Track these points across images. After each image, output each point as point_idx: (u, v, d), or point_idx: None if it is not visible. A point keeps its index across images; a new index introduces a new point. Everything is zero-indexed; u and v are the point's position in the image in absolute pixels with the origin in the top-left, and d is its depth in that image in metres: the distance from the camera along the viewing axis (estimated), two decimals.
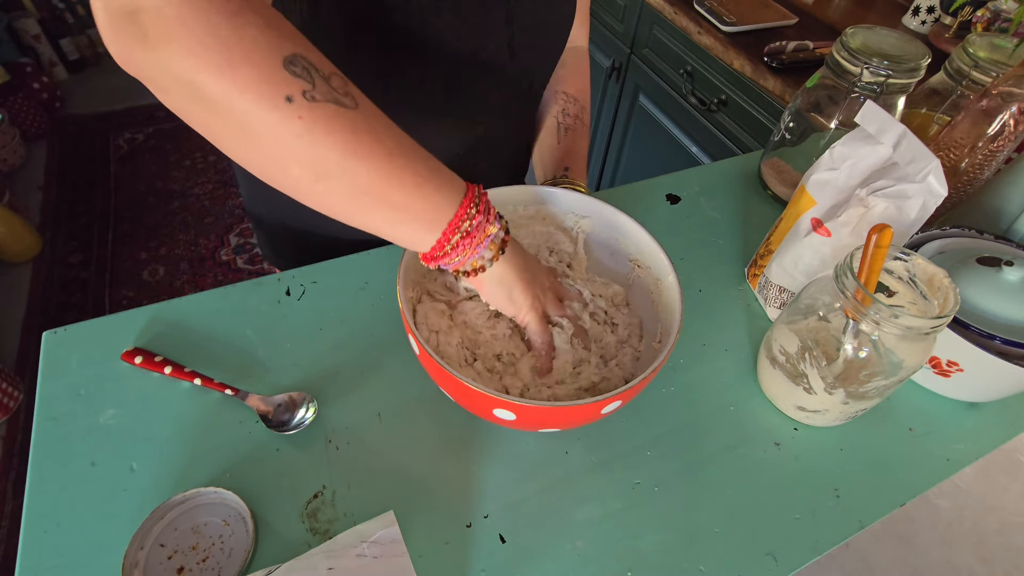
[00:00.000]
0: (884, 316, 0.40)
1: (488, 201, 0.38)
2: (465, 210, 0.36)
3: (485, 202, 0.38)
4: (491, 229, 0.38)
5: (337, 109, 0.31)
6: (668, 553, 0.42)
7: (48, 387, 0.47)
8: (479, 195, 0.38)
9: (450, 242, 0.36)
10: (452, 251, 0.37)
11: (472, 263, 0.38)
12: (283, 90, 0.30)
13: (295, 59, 0.30)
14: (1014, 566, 1.13)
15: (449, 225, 0.36)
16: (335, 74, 0.32)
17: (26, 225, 1.70)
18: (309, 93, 0.30)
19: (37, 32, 2.22)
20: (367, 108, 0.33)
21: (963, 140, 0.56)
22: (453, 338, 0.46)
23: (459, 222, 0.36)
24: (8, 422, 1.38)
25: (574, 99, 0.66)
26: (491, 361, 0.46)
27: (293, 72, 0.30)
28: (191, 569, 0.39)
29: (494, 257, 0.38)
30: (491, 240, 0.38)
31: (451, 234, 0.36)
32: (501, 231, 0.39)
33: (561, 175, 0.60)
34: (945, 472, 0.49)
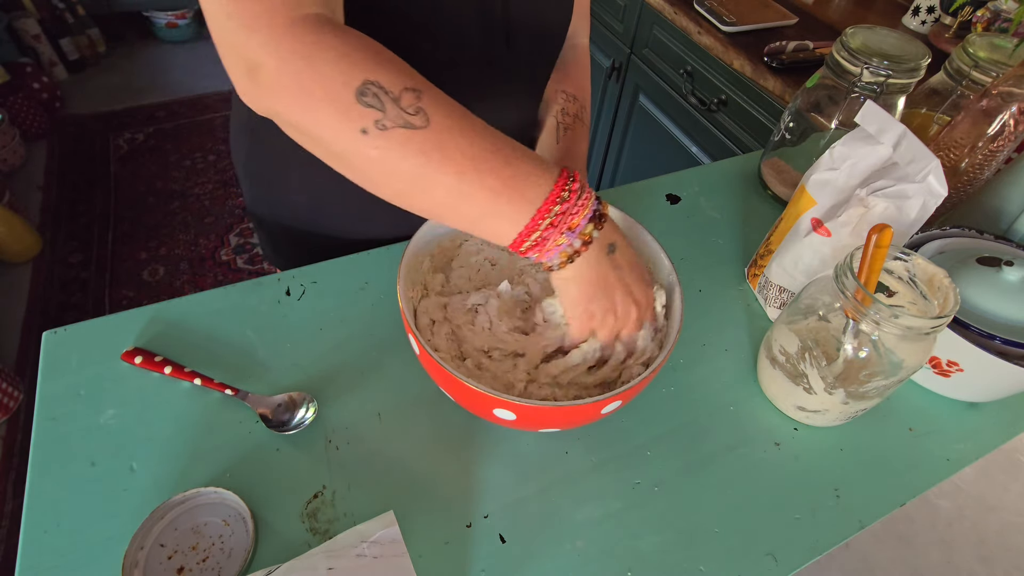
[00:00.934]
0: (884, 316, 0.40)
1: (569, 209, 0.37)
2: (536, 223, 0.37)
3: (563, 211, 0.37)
4: (561, 240, 0.38)
5: (407, 133, 0.34)
6: (668, 553, 0.42)
7: (48, 387, 0.47)
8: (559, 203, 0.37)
9: (523, 246, 0.38)
10: (527, 252, 0.38)
11: (545, 263, 0.40)
12: (357, 124, 0.33)
13: (365, 88, 0.33)
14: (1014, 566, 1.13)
15: (519, 236, 0.37)
16: (407, 90, 0.34)
17: (26, 225, 1.70)
18: (380, 122, 0.33)
19: (37, 32, 2.22)
20: (440, 122, 0.34)
21: (963, 140, 0.56)
22: (443, 328, 0.46)
23: (529, 232, 0.37)
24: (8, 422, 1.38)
25: (574, 98, 0.66)
26: (479, 356, 0.46)
27: (365, 103, 0.33)
28: (191, 569, 0.39)
29: (561, 265, 0.39)
30: (561, 250, 0.38)
31: (522, 241, 0.38)
32: (576, 240, 0.38)
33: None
34: (945, 472, 0.49)
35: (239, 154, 0.64)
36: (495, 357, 0.46)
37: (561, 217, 0.37)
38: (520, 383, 0.45)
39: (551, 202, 0.37)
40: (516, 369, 0.45)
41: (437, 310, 0.47)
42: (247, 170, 0.64)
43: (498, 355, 0.46)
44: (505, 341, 0.46)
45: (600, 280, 0.41)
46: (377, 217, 0.62)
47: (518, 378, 0.45)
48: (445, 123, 0.35)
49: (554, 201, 0.37)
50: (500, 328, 0.46)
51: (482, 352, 0.46)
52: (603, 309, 0.42)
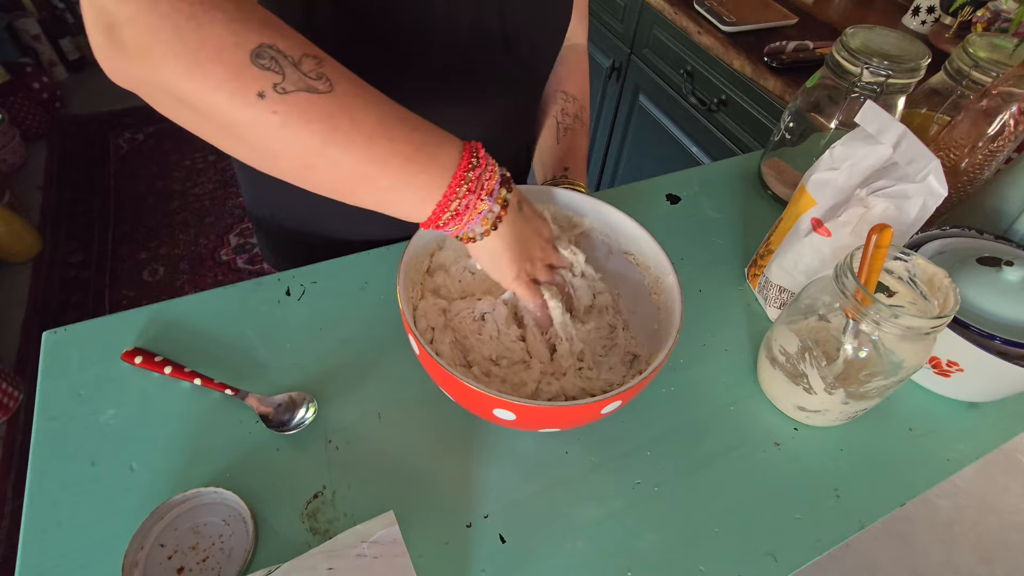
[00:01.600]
0: (884, 316, 0.40)
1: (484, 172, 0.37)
2: (454, 189, 0.36)
3: (479, 176, 0.36)
4: (482, 206, 0.37)
5: (310, 97, 0.31)
6: (668, 553, 0.42)
7: (48, 387, 0.47)
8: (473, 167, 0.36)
9: (441, 218, 0.36)
10: (445, 225, 0.37)
11: (465, 235, 0.39)
12: (253, 87, 0.30)
13: (262, 51, 0.30)
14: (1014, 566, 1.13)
15: (438, 205, 0.36)
16: (307, 56, 0.31)
17: (26, 225, 1.70)
18: (279, 85, 0.30)
19: (37, 32, 2.22)
20: (344, 88, 0.32)
21: (963, 140, 0.56)
22: (447, 336, 0.46)
23: (448, 202, 0.36)
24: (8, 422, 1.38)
25: (573, 98, 0.66)
26: (487, 364, 0.46)
27: (261, 66, 0.30)
28: (191, 569, 0.39)
29: (485, 232, 0.38)
30: (482, 216, 0.37)
31: (441, 212, 0.36)
32: (495, 206, 0.37)
33: (561, 175, 0.60)
34: (945, 472, 0.49)
35: None
36: (503, 364, 0.46)
37: (477, 182, 0.36)
38: (532, 383, 0.45)
39: (464, 168, 0.36)
40: (530, 370, 0.45)
41: (436, 315, 0.47)
42: (246, 171, 0.64)
43: (506, 363, 0.46)
44: (512, 350, 0.46)
45: (520, 237, 0.42)
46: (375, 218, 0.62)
47: (531, 378, 0.45)
48: (350, 89, 0.32)
49: (467, 167, 0.36)
50: (508, 336, 0.46)
51: (490, 360, 0.46)
52: (530, 259, 0.44)
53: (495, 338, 0.46)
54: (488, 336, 0.46)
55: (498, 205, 0.38)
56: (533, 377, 0.45)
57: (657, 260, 0.48)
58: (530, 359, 0.46)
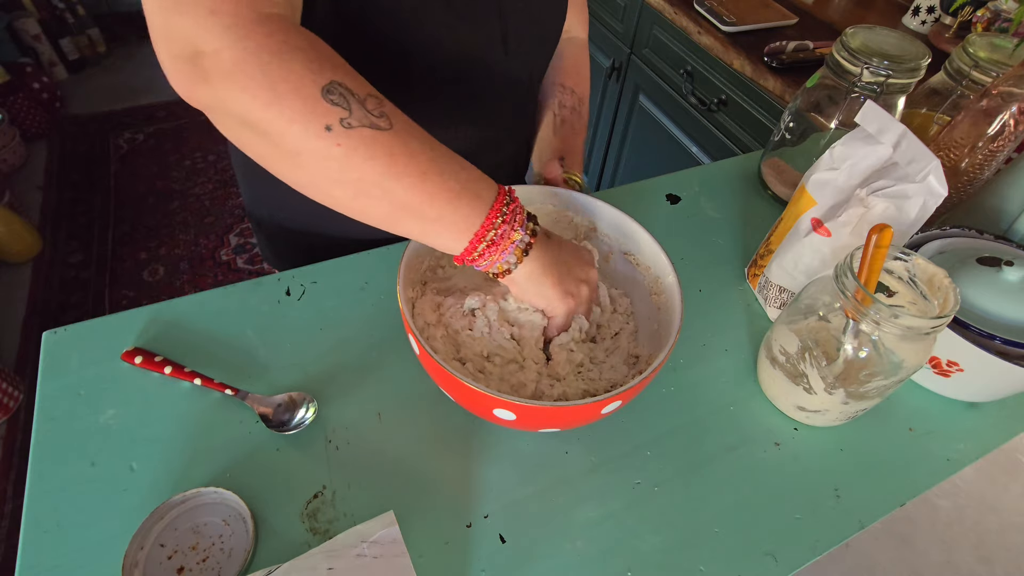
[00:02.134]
0: (884, 316, 0.40)
1: (516, 208, 0.40)
2: (491, 220, 0.38)
3: (512, 209, 0.39)
4: (515, 236, 0.39)
5: (373, 133, 0.34)
6: (668, 553, 0.42)
7: (48, 387, 0.47)
8: (508, 203, 0.39)
9: (476, 250, 0.39)
10: (479, 257, 0.39)
11: (499, 266, 0.40)
12: (323, 120, 0.33)
13: (332, 87, 0.33)
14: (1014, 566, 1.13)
15: (475, 235, 0.38)
16: (371, 96, 0.34)
17: (26, 225, 1.70)
18: (346, 120, 0.33)
19: (37, 32, 2.22)
20: (402, 127, 0.35)
21: (963, 140, 0.56)
22: (439, 331, 0.47)
23: (485, 232, 0.38)
24: (8, 422, 1.38)
25: (571, 91, 0.65)
26: (479, 361, 0.46)
27: (331, 101, 0.33)
28: (191, 569, 0.39)
29: (518, 260, 0.40)
30: (515, 246, 0.40)
31: (478, 243, 0.38)
32: (526, 235, 0.40)
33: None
34: (945, 472, 0.49)
35: (238, 155, 0.64)
36: (496, 363, 0.46)
37: (511, 215, 0.39)
38: (532, 383, 0.45)
39: (500, 203, 0.39)
40: (525, 370, 0.45)
41: (431, 311, 0.47)
42: (245, 171, 0.64)
43: (499, 361, 0.46)
44: (505, 348, 0.46)
45: (559, 260, 0.43)
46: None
47: (529, 378, 0.45)
48: (407, 128, 0.35)
49: (502, 203, 0.39)
50: (501, 334, 0.46)
51: (482, 357, 0.46)
52: (575, 282, 0.45)
53: (486, 335, 0.46)
54: (479, 332, 0.46)
55: (528, 234, 0.40)
56: (531, 378, 0.45)
57: (657, 260, 0.48)
58: (523, 360, 0.46)
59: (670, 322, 0.44)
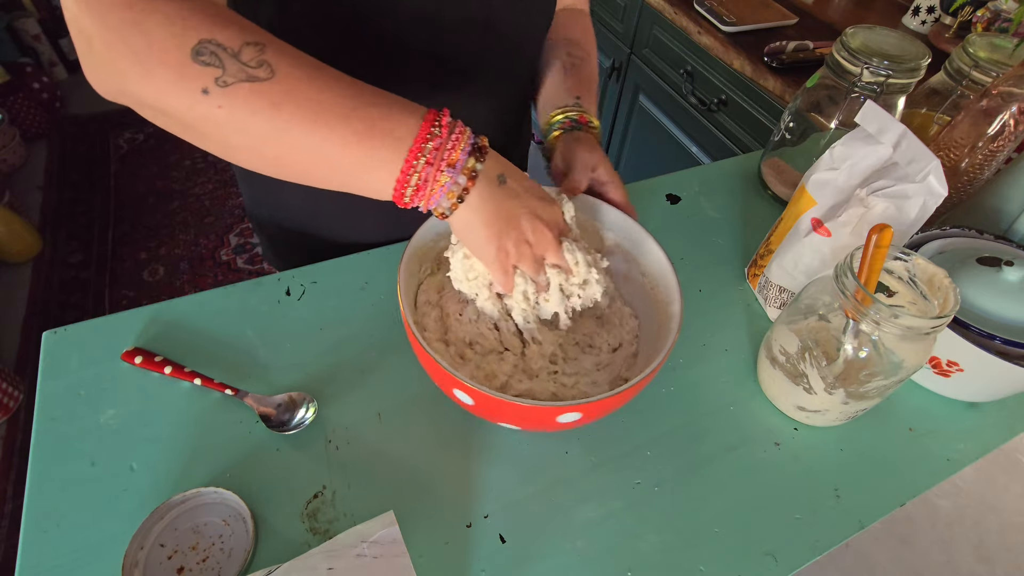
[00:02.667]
0: (884, 316, 0.40)
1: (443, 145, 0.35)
2: (410, 163, 0.34)
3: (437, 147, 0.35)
4: (443, 178, 0.35)
5: (251, 86, 0.31)
6: (668, 553, 0.42)
7: (48, 387, 0.47)
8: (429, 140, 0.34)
9: (404, 194, 0.35)
10: (411, 201, 0.36)
11: (435, 209, 0.37)
12: (197, 84, 0.31)
13: (202, 47, 0.30)
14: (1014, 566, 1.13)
15: (397, 181, 0.35)
16: (247, 44, 0.32)
17: (26, 225, 1.70)
18: (220, 79, 0.31)
19: (37, 32, 2.22)
20: (287, 72, 0.32)
21: (963, 140, 0.56)
22: (434, 311, 0.47)
23: (407, 176, 0.35)
24: (8, 422, 1.38)
25: (578, 44, 0.62)
26: (461, 346, 0.46)
27: (202, 62, 0.30)
28: (191, 569, 0.39)
29: (452, 206, 0.36)
30: (446, 189, 0.35)
31: (403, 188, 0.35)
32: (461, 177, 0.36)
33: (572, 103, 0.56)
34: (945, 472, 0.49)
35: None
36: (477, 351, 0.46)
37: (436, 153, 0.35)
38: (504, 375, 0.45)
39: (422, 139, 0.34)
40: (503, 362, 0.45)
41: (434, 291, 0.48)
42: (245, 172, 0.64)
43: (480, 349, 0.46)
44: (486, 337, 0.46)
45: (501, 212, 0.38)
46: (370, 223, 0.62)
47: (502, 370, 0.45)
48: (293, 73, 0.32)
49: (424, 138, 0.34)
50: (485, 323, 0.46)
51: (464, 343, 0.46)
52: (515, 241, 0.40)
53: (473, 322, 0.46)
54: (467, 319, 0.46)
55: (463, 176, 0.36)
56: (505, 370, 0.45)
57: (657, 260, 0.48)
58: (503, 351, 0.46)
59: (670, 322, 0.44)
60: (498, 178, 0.38)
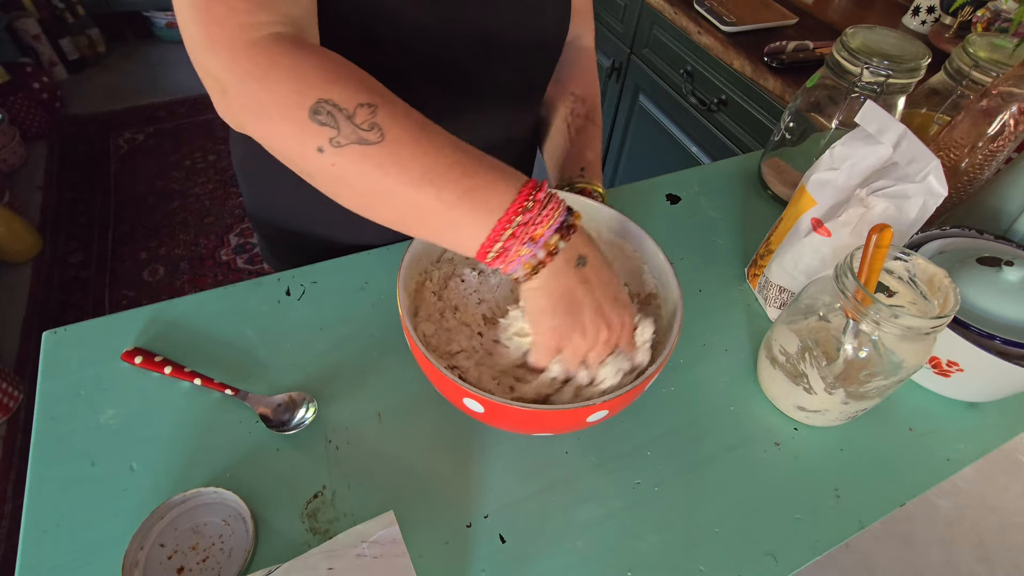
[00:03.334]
0: (884, 316, 0.40)
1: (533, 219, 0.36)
2: (497, 234, 0.36)
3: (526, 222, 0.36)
4: (523, 251, 0.36)
5: (362, 149, 0.34)
6: (668, 553, 0.42)
7: (48, 387, 0.47)
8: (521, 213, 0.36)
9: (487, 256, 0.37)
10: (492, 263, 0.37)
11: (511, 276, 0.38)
12: (314, 142, 0.34)
13: (319, 107, 0.33)
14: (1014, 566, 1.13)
15: (481, 247, 0.36)
16: (361, 107, 0.34)
17: (26, 225, 1.70)
18: (335, 140, 0.34)
19: (37, 32, 2.22)
20: (395, 137, 0.35)
21: (963, 140, 0.56)
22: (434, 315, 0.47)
23: (491, 244, 0.36)
24: (8, 422, 1.38)
25: (583, 99, 0.64)
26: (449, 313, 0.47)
27: (319, 122, 0.33)
28: (191, 569, 0.39)
29: (526, 276, 0.37)
30: (523, 260, 0.37)
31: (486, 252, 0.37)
32: (540, 251, 0.36)
33: (577, 176, 0.58)
34: (945, 472, 0.49)
35: (237, 156, 0.64)
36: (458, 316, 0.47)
37: (523, 228, 0.36)
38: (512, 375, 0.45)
39: (513, 212, 0.35)
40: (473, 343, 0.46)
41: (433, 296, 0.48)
42: (244, 173, 0.64)
43: (460, 316, 0.47)
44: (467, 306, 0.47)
45: (566, 294, 0.38)
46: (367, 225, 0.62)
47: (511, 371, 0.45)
48: (401, 137, 0.35)
49: (516, 212, 0.35)
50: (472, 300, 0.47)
51: (451, 307, 0.47)
52: (569, 327, 0.39)
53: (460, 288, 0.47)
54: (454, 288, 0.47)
55: (543, 251, 0.36)
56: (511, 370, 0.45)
57: (656, 260, 0.48)
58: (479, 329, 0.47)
59: (670, 322, 0.44)
60: (577, 259, 0.38)
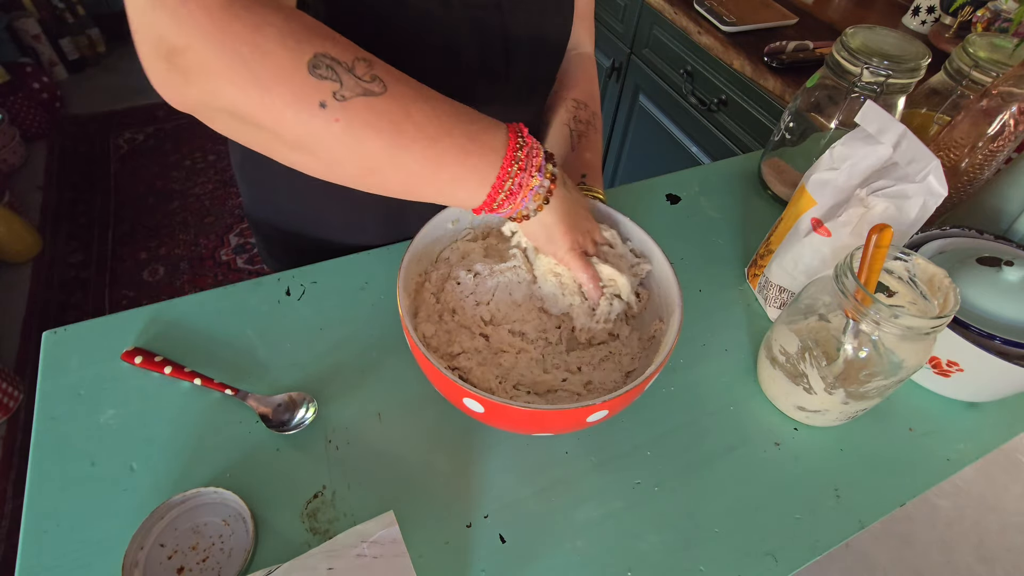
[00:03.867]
0: (884, 316, 0.40)
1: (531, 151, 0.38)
2: (506, 170, 0.37)
3: (527, 154, 0.38)
4: (534, 182, 0.38)
5: (368, 101, 0.32)
6: (668, 553, 0.42)
7: (48, 387, 0.47)
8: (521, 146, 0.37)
9: (495, 200, 0.38)
10: (499, 207, 0.38)
11: (519, 213, 0.40)
12: (315, 97, 0.31)
13: (317, 60, 0.31)
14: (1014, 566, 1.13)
15: (492, 188, 0.37)
16: (358, 59, 0.33)
17: (26, 225, 1.70)
18: (339, 93, 0.31)
19: (37, 32, 2.22)
20: (396, 87, 0.33)
21: (963, 140, 0.56)
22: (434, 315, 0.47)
23: (501, 183, 0.37)
24: (8, 422, 1.38)
25: (584, 105, 0.64)
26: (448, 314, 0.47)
27: (319, 75, 0.31)
28: (191, 569, 0.39)
29: (538, 208, 0.39)
30: (534, 192, 0.38)
31: (496, 194, 0.37)
32: (545, 180, 0.39)
33: (578, 182, 0.59)
34: (945, 472, 0.49)
35: (237, 156, 0.64)
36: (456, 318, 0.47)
37: (526, 160, 0.37)
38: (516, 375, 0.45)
39: (513, 148, 0.37)
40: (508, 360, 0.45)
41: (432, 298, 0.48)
42: (243, 173, 0.64)
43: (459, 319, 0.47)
44: (465, 308, 0.47)
45: (572, 209, 0.43)
46: (367, 226, 0.62)
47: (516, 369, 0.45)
48: (402, 89, 0.34)
49: (515, 147, 0.37)
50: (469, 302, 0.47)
51: (449, 309, 0.47)
52: (582, 232, 0.45)
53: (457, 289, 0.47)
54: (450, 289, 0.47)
55: (548, 180, 0.39)
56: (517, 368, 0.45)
57: (656, 260, 0.48)
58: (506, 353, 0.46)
59: (670, 322, 0.44)
60: (563, 179, 0.42)
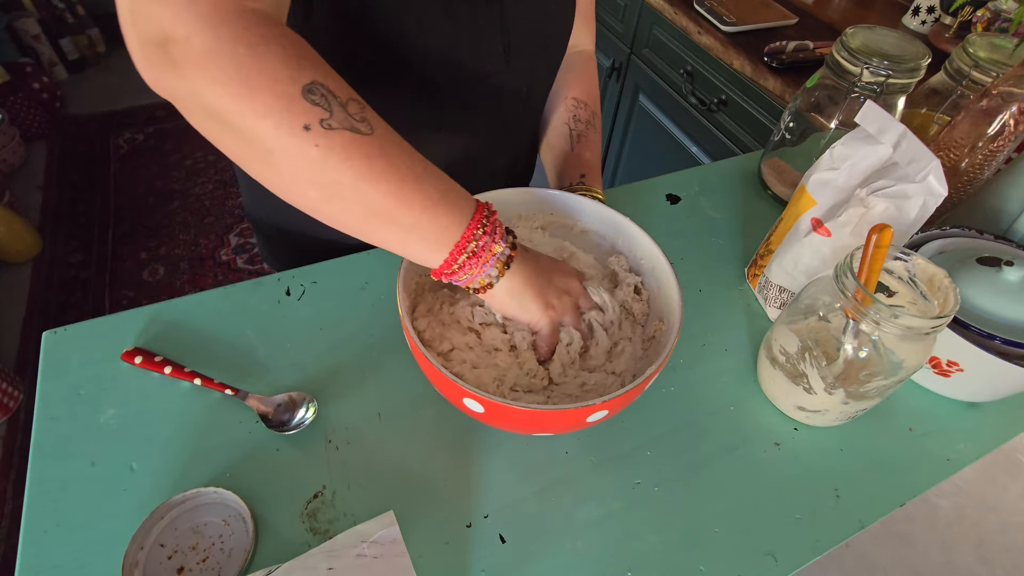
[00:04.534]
0: (884, 316, 0.40)
1: (496, 220, 0.39)
2: (472, 231, 0.37)
3: (493, 222, 0.39)
4: (496, 248, 0.38)
5: (353, 136, 0.33)
6: (668, 553, 0.42)
7: (48, 387, 0.47)
8: (487, 215, 0.39)
9: (457, 262, 0.38)
10: (459, 270, 0.38)
11: (479, 281, 0.40)
12: (301, 119, 0.32)
13: (314, 87, 0.32)
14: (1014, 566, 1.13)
15: (456, 246, 0.37)
16: (353, 100, 0.34)
17: (26, 225, 1.70)
18: (326, 121, 0.32)
19: (37, 32, 2.22)
20: (383, 133, 0.35)
21: (963, 140, 0.56)
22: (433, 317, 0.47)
23: (465, 243, 0.37)
24: (8, 422, 1.38)
25: (584, 104, 0.65)
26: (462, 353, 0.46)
27: (312, 101, 0.32)
28: (191, 569, 0.39)
29: (500, 274, 0.40)
30: (496, 259, 0.39)
31: (458, 254, 0.38)
32: (507, 248, 0.39)
33: (578, 182, 0.59)
34: (945, 472, 0.49)
35: None
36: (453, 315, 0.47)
37: (491, 227, 0.38)
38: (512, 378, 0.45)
39: (480, 215, 0.38)
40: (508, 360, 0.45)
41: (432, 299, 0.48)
42: (243, 173, 0.64)
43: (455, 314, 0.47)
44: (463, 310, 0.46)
45: (539, 272, 0.43)
46: None
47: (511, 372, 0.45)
48: (388, 135, 0.35)
49: (482, 215, 0.38)
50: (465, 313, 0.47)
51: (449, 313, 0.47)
52: (556, 294, 0.44)
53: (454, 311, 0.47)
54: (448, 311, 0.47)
55: (508, 248, 0.40)
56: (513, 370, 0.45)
57: (656, 260, 0.48)
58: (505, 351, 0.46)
59: (670, 323, 0.44)
60: (524, 248, 0.43)
